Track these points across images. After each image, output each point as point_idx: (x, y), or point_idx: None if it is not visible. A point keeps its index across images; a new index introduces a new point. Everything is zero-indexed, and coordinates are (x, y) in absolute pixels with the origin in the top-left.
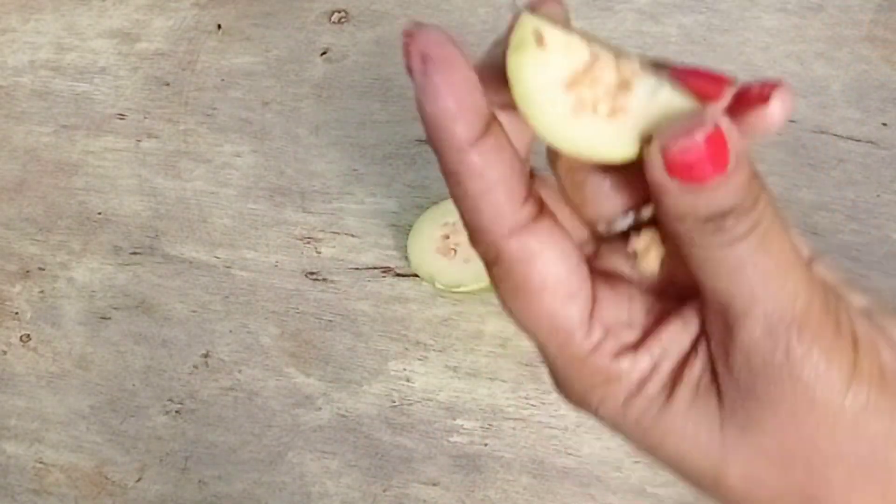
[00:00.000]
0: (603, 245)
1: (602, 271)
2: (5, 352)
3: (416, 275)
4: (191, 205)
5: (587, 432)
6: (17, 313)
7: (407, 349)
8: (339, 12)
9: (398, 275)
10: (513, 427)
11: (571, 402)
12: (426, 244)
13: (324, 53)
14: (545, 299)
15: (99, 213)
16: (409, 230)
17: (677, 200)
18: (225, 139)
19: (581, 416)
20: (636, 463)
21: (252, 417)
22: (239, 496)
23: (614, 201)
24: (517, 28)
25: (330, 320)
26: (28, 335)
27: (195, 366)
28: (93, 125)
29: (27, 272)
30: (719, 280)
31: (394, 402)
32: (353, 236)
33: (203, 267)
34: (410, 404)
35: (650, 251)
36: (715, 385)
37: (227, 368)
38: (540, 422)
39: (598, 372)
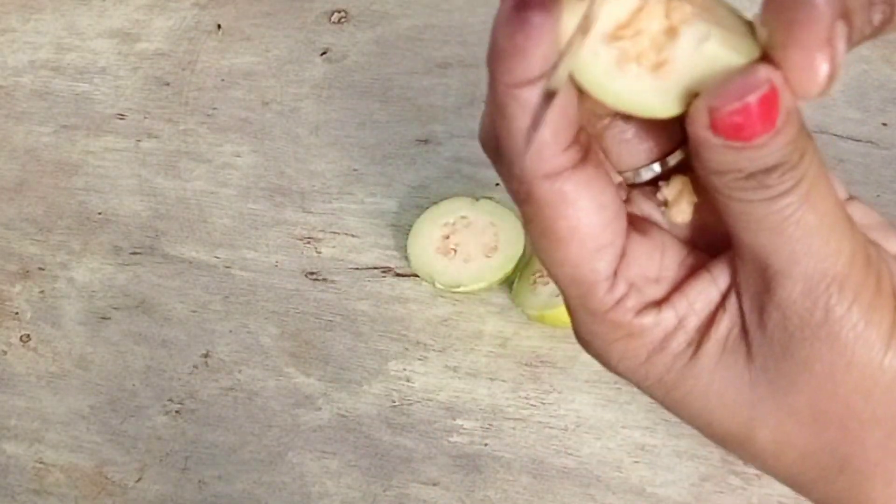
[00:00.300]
0: (634, 191)
1: (636, 218)
2: (5, 352)
3: (416, 275)
4: (191, 205)
5: (587, 432)
6: (17, 313)
7: (407, 349)
8: (339, 12)
9: (398, 275)
10: (513, 427)
11: (592, 355)
12: (426, 244)
13: (324, 53)
14: (572, 248)
15: (99, 213)
16: (409, 230)
17: (719, 157)
18: (225, 139)
19: (581, 416)
20: (636, 463)
21: (252, 417)
22: (239, 496)
23: (639, 150)
24: None
25: (330, 320)
26: (28, 335)
27: (195, 366)
28: (93, 125)
29: (27, 272)
30: (759, 237)
31: (394, 402)
32: (353, 236)
33: (203, 267)
34: (410, 404)
35: (681, 200)
36: (745, 342)
37: (227, 368)
38: (540, 422)
39: (619, 327)
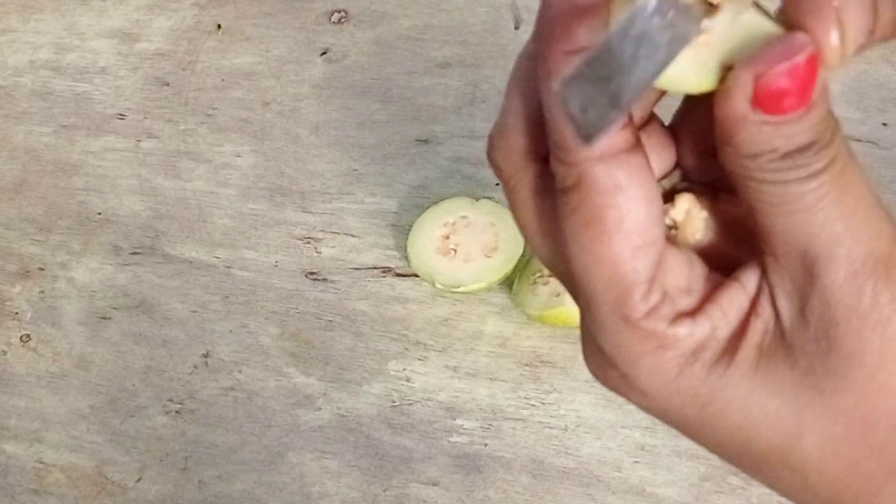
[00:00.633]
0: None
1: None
2: (5, 352)
3: (416, 275)
4: (191, 205)
5: (587, 432)
6: (17, 313)
7: (407, 349)
8: (339, 12)
9: (398, 275)
10: (513, 427)
11: (613, 378)
12: (426, 244)
13: (324, 53)
14: (616, 241)
15: (99, 213)
16: (409, 230)
17: (756, 135)
18: (225, 139)
19: (581, 416)
20: (636, 463)
21: (252, 417)
22: (239, 496)
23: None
24: None
25: (330, 320)
26: (28, 335)
27: (195, 366)
28: (93, 125)
29: (27, 272)
30: (796, 221)
31: (394, 402)
32: (353, 236)
33: (203, 267)
34: (410, 404)
35: (690, 219)
36: (783, 345)
37: (227, 368)
38: (540, 422)
39: (651, 337)
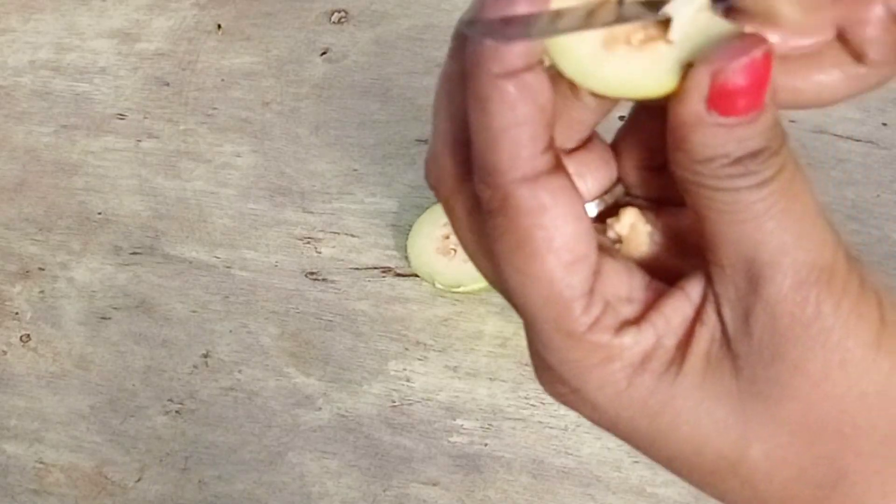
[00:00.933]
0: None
1: (601, 243)
2: (5, 352)
3: (416, 275)
4: (191, 205)
5: (587, 432)
6: (17, 313)
7: (407, 349)
8: (339, 12)
9: (398, 275)
10: (513, 427)
11: (563, 394)
12: (426, 244)
13: (324, 53)
14: (548, 261)
15: (99, 213)
16: (409, 230)
17: (709, 138)
18: (225, 139)
19: (581, 416)
20: (636, 463)
21: (252, 417)
22: (239, 496)
23: (578, 187)
24: None
25: (330, 320)
26: (28, 335)
27: (195, 366)
28: (93, 125)
29: (27, 272)
30: (744, 229)
31: (394, 402)
32: (353, 236)
33: (203, 267)
34: (410, 404)
35: (634, 234)
36: (729, 354)
37: (227, 368)
38: (540, 422)
39: (598, 348)
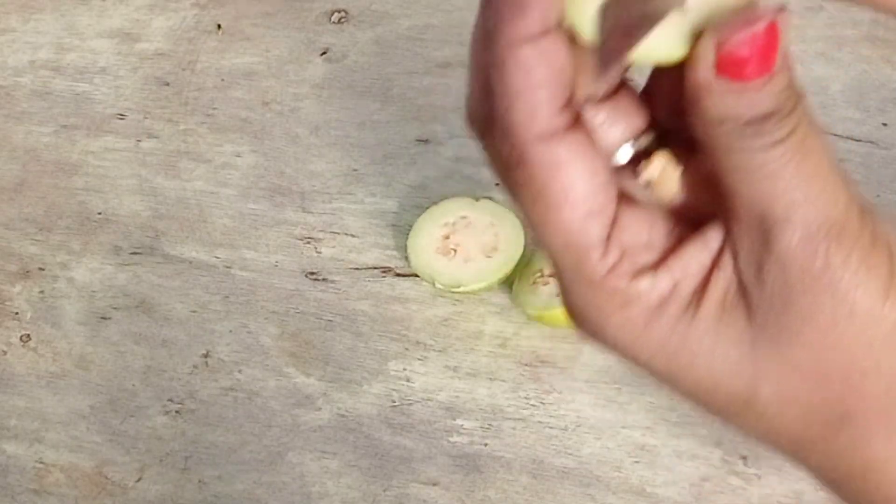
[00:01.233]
0: (615, 172)
1: (623, 192)
2: (5, 352)
3: (416, 275)
4: (191, 205)
5: (587, 432)
6: (17, 313)
7: (407, 349)
8: (339, 12)
9: (398, 275)
10: (513, 427)
11: (588, 333)
12: (426, 244)
13: (324, 53)
14: (564, 212)
15: (99, 213)
16: (409, 230)
17: (720, 102)
18: (225, 139)
19: (581, 416)
20: (636, 463)
21: (252, 417)
22: (239, 496)
23: (611, 133)
24: None
25: (330, 320)
26: (28, 335)
27: (195, 366)
28: (93, 125)
29: (27, 272)
30: (757, 186)
31: (394, 402)
32: (353, 236)
33: (203, 267)
34: (410, 404)
35: (665, 177)
36: (743, 300)
37: (227, 368)
38: (540, 422)
39: (615, 294)
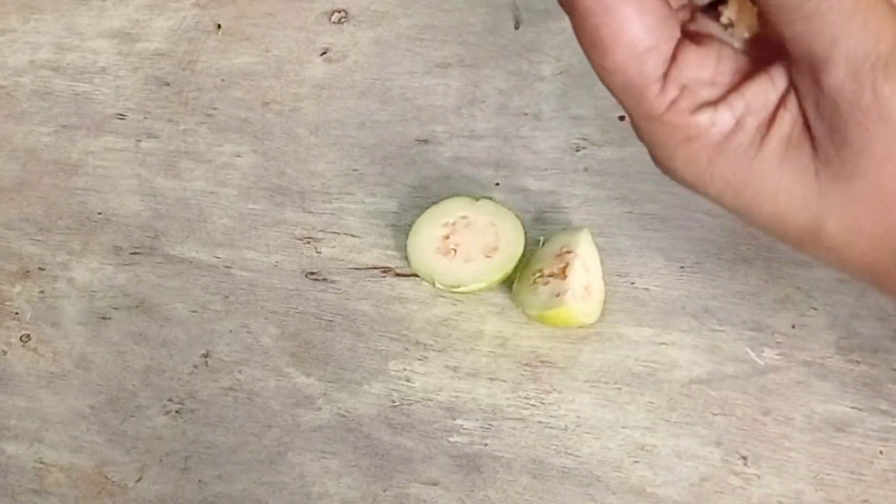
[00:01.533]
0: (698, 13)
1: (696, 33)
2: (5, 352)
3: (416, 275)
4: (191, 205)
5: (587, 432)
6: (17, 313)
7: (407, 349)
8: (339, 12)
9: (398, 275)
10: (513, 427)
11: (662, 169)
12: (426, 244)
13: (324, 53)
14: (617, 53)
15: (99, 213)
16: (409, 230)
17: None
18: (225, 139)
19: (581, 416)
20: (636, 463)
21: (252, 417)
22: (239, 496)
23: None
24: None
25: (330, 320)
26: (28, 335)
27: (195, 366)
28: (93, 125)
29: (27, 272)
30: (800, 27)
31: (394, 402)
32: (353, 236)
33: (203, 267)
34: (410, 404)
35: (743, 14)
36: (808, 137)
37: (227, 368)
38: (540, 422)
39: (677, 129)
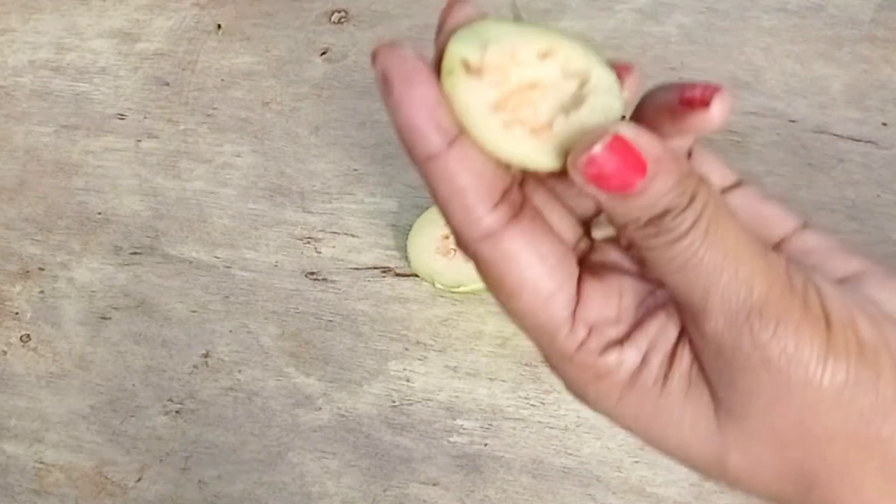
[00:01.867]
0: (598, 242)
1: (596, 264)
2: (5, 352)
3: (416, 275)
4: (191, 205)
5: (587, 432)
6: (17, 313)
7: (407, 349)
8: (339, 12)
9: (398, 275)
10: (513, 427)
11: (577, 399)
12: (426, 244)
13: (324, 53)
14: (524, 299)
15: (99, 213)
16: (409, 230)
17: (610, 208)
18: (225, 139)
19: (581, 416)
20: (636, 463)
21: (252, 417)
22: (239, 496)
23: (585, 204)
24: (445, 57)
25: (330, 320)
26: (28, 335)
27: (195, 366)
28: (93, 125)
29: (27, 272)
30: (673, 278)
31: (394, 402)
32: (353, 236)
33: (203, 267)
34: (410, 404)
35: None
36: (704, 375)
37: (227, 368)
38: (540, 422)
39: (587, 368)
